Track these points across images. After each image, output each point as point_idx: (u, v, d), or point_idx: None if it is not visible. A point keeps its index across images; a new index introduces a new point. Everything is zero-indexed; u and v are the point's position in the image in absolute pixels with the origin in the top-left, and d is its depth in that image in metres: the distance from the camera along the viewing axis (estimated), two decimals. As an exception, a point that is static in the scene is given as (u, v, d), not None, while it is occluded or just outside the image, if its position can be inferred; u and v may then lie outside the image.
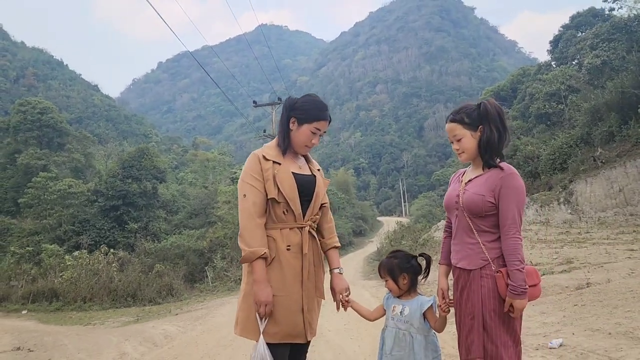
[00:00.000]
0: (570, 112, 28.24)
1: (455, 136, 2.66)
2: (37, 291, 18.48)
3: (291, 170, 2.74)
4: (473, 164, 2.73)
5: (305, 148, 2.85)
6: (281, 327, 2.62)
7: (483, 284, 2.51)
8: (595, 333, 4.80)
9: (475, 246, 2.58)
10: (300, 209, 2.70)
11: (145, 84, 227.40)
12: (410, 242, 23.35)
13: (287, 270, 2.66)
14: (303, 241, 2.69)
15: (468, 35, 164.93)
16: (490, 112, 2.60)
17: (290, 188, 2.68)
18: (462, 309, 2.62)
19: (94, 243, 25.08)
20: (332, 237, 2.94)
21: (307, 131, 2.80)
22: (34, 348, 8.77)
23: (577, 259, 9.57)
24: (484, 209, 2.53)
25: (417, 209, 58.34)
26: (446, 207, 2.81)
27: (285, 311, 2.63)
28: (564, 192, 19.91)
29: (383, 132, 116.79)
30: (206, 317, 11.53)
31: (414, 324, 2.72)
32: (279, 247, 2.66)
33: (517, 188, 2.51)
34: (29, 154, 31.33)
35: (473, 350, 2.51)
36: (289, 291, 2.65)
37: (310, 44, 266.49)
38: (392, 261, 2.86)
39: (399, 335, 2.74)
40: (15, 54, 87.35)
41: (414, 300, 2.80)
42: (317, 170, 2.94)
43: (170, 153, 64.03)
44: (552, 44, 41.53)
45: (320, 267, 2.82)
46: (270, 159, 2.74)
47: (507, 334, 2.49)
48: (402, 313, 2.76)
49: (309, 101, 2.87)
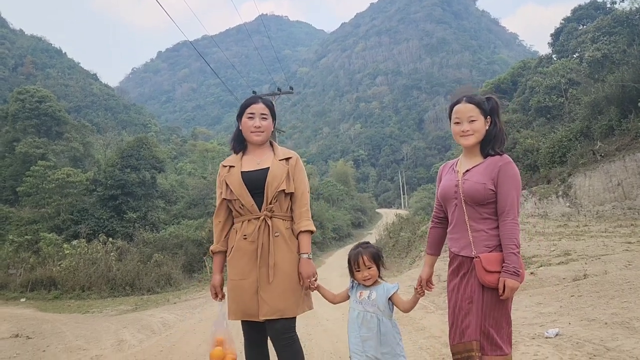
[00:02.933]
0: (570, 106, 28.18)
1: (471, 117, 2.69)
2: (35, 279, 18.54)
3: (243, 170, 3.11)
4: (468, 153, 2.77)
5: (253, 135, 3.13)
6: (238, 307, 3.03)
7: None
8: (592, 323, 4.82)
9: (478, 234, 2.63)
10: (253, 202, 3.04)
11: (145, 73, 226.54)
12: (409, 234, 23.39)
13: (243, 257, 3.03)
14: (257, 230, 3.01)
15: (469, 27, 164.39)
16: (498, 107, 2.77)
17: (237, 187, 3.06)
18: (459, 294, 2.67)
19: (92, 232, 25.04)
20: (300, 222, 3.10)
21: (245, 120, 3.15)
22: (32, 335, 8.80)
23: (575, 251, 9.59)
24: (486, 197, 2.61)
25: (416, 201, 58.46)
26: (443, 197, 2.83)
27: (242, 293, 3.01)
28: (563, 186, 19.92)
29: (383, 124, 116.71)
30: (204, 306, 11.58)
31: (380, 307, 2.88)
32: (238, 237, 3.06)
33: (515, 175, 2.62)
34: (27, 143, 31.25)
35: (468, 334, 2.58)
36: (245, 275, 3.01)
37: (310, 34, 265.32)
38: (373, 249, 2.98)
39: (367, 317, 2.89)
40: (13, 42, 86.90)
41: (379, 286, 2.95)
42: (280, 160, 3.14)
43: (169, 143, 63.90)
44: (553, 37, 41.42)
45: (279, 252, 3.01)
46: (227, 164, 3.20)
47: (502, 316, 2.59)
48: (370, 297, 2.92)
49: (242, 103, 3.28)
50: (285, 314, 2.95)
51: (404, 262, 18.32)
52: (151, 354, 6.27)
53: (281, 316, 2.94)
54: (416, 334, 5.80)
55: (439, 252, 3.03)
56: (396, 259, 20.39)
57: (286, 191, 3.07)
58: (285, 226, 3.09)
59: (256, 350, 3.12)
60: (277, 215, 3.07)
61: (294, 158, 3.18)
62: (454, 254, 2.75)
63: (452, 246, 2.77)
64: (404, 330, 6.08)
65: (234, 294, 3.06)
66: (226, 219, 3.19)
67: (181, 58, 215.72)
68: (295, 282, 3.01)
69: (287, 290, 2.98)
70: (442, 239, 3.00)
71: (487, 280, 2.54)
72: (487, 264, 2.53)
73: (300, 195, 3.13)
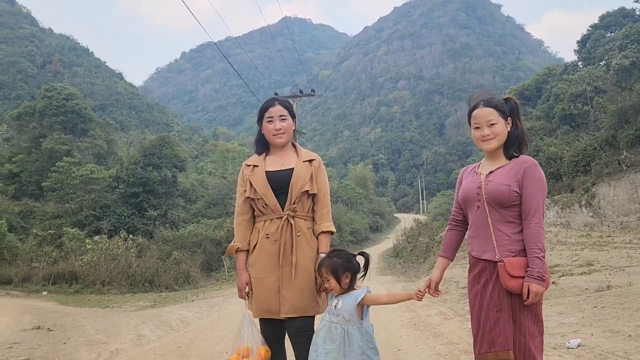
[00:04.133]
0: (595, 114, 27.73)
1: (490, 121, 2.65)
2: (57, 273, 18.88)
3: (267, 170, 3.15)
4: (491, 156, 2.73)
5: (275, 138, 3.19)
6: (260, 305, 3.08)
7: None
8: (615, 335, 4.73)
9: (501, 237, 2.58)
10: (276, 201, 3.08)
11: (169, 73, 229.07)
12: (427, 240, 23.24)
13: (265, 256, 3.08)
14: (280, 229, 3.05)
15: (494, 33, 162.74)
16: (517, 108, 2.71)
17: (261, 186, 3.10)
18: (485, 301, 2.59)
19: (113, 228, 25.42)
20: (322, 223, 3.16)
21: (265, 124, 3.20)
22: (53, 328, 8.97)
23: (598, 262, 9.40)
24: (510, 199, 2.56)
25: (435, 207, 57.99)
26: (464, 199, 2.77)
27: (263, 291, 3.06)
28: (586, 195, 19.59)
29: (403, 128, 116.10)
30: (222, 304, 11.66)
31: (345, 316, 2.82)
32: (260, 236, 3.11)
33: (540, 178, 2.57)
34: (53, 139, 31.81)
35: (500, 343, 2.50)
36: (267, 274, 3.06)
37: (333, 37, 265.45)
38: (335, 261, 2.92)
39: (331, 328, 2.83)
40: (42, 40, 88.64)
41: (347, 295, 2.89)
42: (304, 161, 3.20)
43: (190, 142, 64.51)
44: (579, 44, 40.83)
45: (300, 251, 3.06)
46: (250, 164, 3.24)
47: (534, 324, 2.53)
48: (336, 307, 2.87)
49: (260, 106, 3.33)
50: (306, 312, 3.00)
51: (422, 268, 18.21)
52: (169, 350, 6.34)
53: (301, 314, 2.99)
54: (434, 340, 5.75)
55: (453, 256, 2.96)
56: (414, 264, 20.28)
57: (309, 192, 3.12)
58: (307, 226, 3.14)
59: (274, 347, 3.14)
60: (300, 215, 3.11)
61: (317, 160, 3.24)
62: (476, 258, 2.68)
63: (472, 250, 2.71)
64: (422, 335, 6.05)
65: (255, 293, 3.11)
66: (249, 218, 3.22)
67: (205, 59, 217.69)
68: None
69: (308, 289, 3.03)
70: (458, 242, 2.94)
71: (510, 286, 2.48)
72: (510, 269, 2.48)
73: (323, 197, 3.19)
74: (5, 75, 67.65)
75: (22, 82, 68.89)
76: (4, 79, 66.98)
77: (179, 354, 6.03)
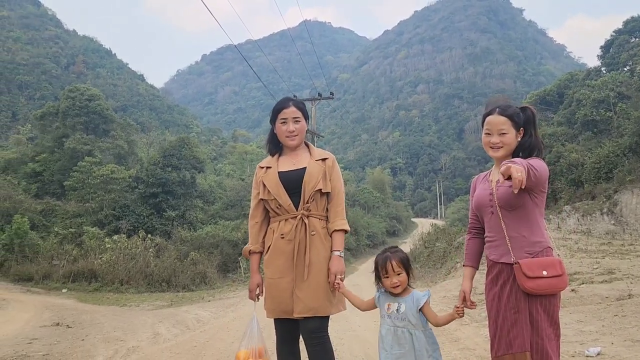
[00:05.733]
0: (619, 120, 27.24)
1: (501, 130, 2.66)
2: (77, 271, 19.11)
3: (280, 170, 3.16)
4: (500, 163, 2.70)
5: (288, 140, 3.18)
6: (276, 306, 3.08)
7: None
8: (636, 344, 4.64)
9: (517, 240, 2.59)
10: (290, 201, 3.08)
11: (189, 75, 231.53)
12: (445, 245, 23.04)
13: (281, 256, 3.08)
14: (295, 229, 3.05)
15: (515, 37, 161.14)
16: (533, 118, 2.72)
17: (274, 186, 3.11)
18: (502, 303, 2.60)
19: (132, 228, 25.71)
20: (335, 221, 3.14)
21: (278, 125, 3.19)
22: (72, 325, 9.09)
23: (619, 270, 9.24)
24: (521, 201, 2.57)
25: (453, 212, 57.64)
26: (478, 206, 2.80)
27: (278, 291, 3.06)
28: (608, 202, 19.23)
29: (422, 132, 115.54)
30: (238, 305, 11.71)
31: (411, 320, 2.75)
32: (275, 237, 3.11)
33: (543, 168, 2.55)
34: (75, 139, 32.29)
35: (517, 345, 2.51)
36: (283, 274, 3.06)
37: (352, 41, 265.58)
38: (403, 254, 2.87)
39: (398, 333, 2.77)
40: (67, 42, 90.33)
41: (408, 296, 2.82)
42: (317, 160, 3.19)
43: (209, 144, 65.04)
44: (603, 49, 40.20)
45: (314, 250, 3.05)
46: (264, 166, 3.26)
47: (550, 327, 2.54)
48: (399, 310, 2.79)
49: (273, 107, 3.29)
50: (319, 312, 2.98)
51: (439, 273, 18.06)
52: (185, 349, 6.38)
53: (315, 314, 2.97)
54: (450, 345, 5.70)
55: (478, 264, 2.96)
56: (431, 269, 20.12)
57: (322, 190, 3.11)
58: (321, 225, 3.13)
59: (288, 347, 3.15)
60: (314, 214, 3.11)
61: (330, 159, 3.23)
62: (493, 261, 2.70)
63: (490, 254, 2.73)
64: (438, 341, 5.99)
65: (270, 293, 3.11)
66: (263, 220, 3.24)
67: (225, 61, 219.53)
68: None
69: (322, 289, 3.01)
70: (480, 249, 2.94)
71: (527, 287, 2.48)
72: (527, 270, 2.48)
73: (336, 195, 3.18)
74: (30, 76, 69.04)
75: (47, 82, 70.30)
76: (29, 79, 68.37)
77: (194, 353, 6.07)
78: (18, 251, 20.56)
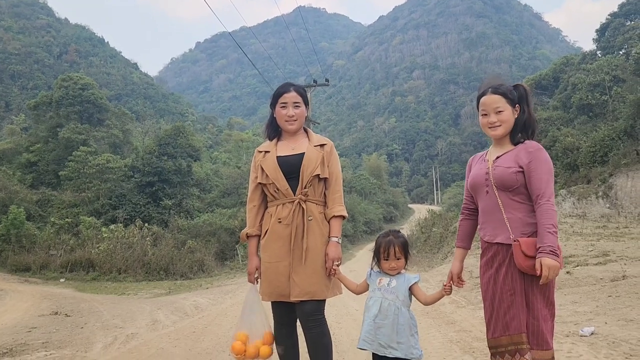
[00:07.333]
0: (614, 104, 27.27)
1: (497, 108, 2.67)
2: (74, 261, 19.16)
3: (278, 155, 3.17)
4: (498, 143, 2.76)
5: (287, 124, 3.20)
6: (273, 289, 3.10)
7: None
8: (629, 323, 4.70)
9: (513, 220, 2.59)
10: (287, 186, 3.11)
11: (183, 63, 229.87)
12: (441, 230, 23.16)
13: (277, 240, 3.10)
14: (292, 214, 3.06)
15: (510, 21, 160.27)
16: (527, 94, 2.73)
17: (272, 171, 3.13)
18: (498, 286, 2.61)
19: (129, 217, 25.66)
20: (333, 207, 3.17)
21: (278, 109, 3.21)
22: (70, 313, 9.13)
23: (614, 252, 9.32)
24: (518, 181, 2.58)
25: (449, 198, 57.76)
26: (474, 186, 2.80)
27: (276, 275, 3.08)
28: (603, 186, 19.34)
29: (418, 118, 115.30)
30: (236, 291, 11.77)
31: (399, 296, 2.83)
32: (272, 221, 3.13)
33: (547, 160, 2.59)
34: (70, 128, 32.07)
35: (514, 326, 2.53)
36: (280, 258, 3.08)
37: (347, 27, 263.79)
38: (404, 239, 2.93)
39: (384, 304, 2.83)
40: (59, 31, 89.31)
41: (400, 275, 2.90)
42: (315, 146, 3.20)
43: (205, 132, 64.81)
44: (598, 33, 40.14)
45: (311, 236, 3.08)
46: (262, 150, 3.26)
47: (546, 307, 2.55)
48: (389, 284, 2.87)
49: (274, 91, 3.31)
50: (316, 296, 3.02)
51: (436, 258, 18.18)
52: (184, 334, 6.43)
53: (311, 298, 3.01)
54: (446, 327, 5.77)
55: (470, 245, 2.98)
56: (427, 254, 20.25)
57: (320, 176, 3.13)
58: (319, 210, 3.15)
59: (286, 330, 3.19)
60: (311, 199, 3.13)
61: (329, 145, 3.25)
62: (488, 242, 2.69)
63: (485, 235, 2.72)
64: (434, 323, 6.06)
65: (267, 276, 3.14)
66: (260, 203, 3.26)
67: (219, 49, 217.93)
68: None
69: (318, 273, 3.05)
70: (473, 230, 2.96)
71: (525, 266, 2.48)
72: (526, 249, 2.48)
73: (334, 181, 3.20)
74: (23, 65, 68.39)
75: (39, 72, 69.64)
76: (21, 69, 67.74)
77: (193, 338, 6.12)
78: (15, 242, 20.54)
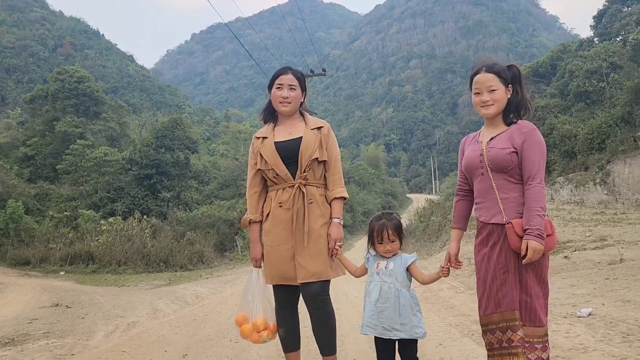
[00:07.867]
0: (611, 91, 27.28)
1: (490, 87, 2.67)
2: (74, 254, 19.20)
3: (276, 140, 3.18)
4: (490, 124, 2.77)
5: (280, 105, 3.20)
6: (276, 272, 3.13)
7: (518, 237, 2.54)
8: (627, 304, 4.74)
9: (508, 201, 2.62)
10: (287, 171, 3.12)
11: (179, 55, 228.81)
12: (440, 219, 23.20)
13: (279, 224, 3.12)
14: (292, 198, 3.09)
15: (507, 9, 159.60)
16: (520, 75, 2.74)
17: (271, 156, 3.13)
18: (491, 263, 2.64)
19: (128, 210, 25.68)
20: (334, 189, 3.20)
21: (274, 90, 3.21)
22: (71, 305, 9.16)
23: (611, 237, 9.36)
24: (513, 162, 2.59)
25: (447, 187, 57.80)
26: (468, 167, 2.81)
27: (278, 258, 3.11)
28: (601, 173, 19.38)
29: (416, 108, 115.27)
30: (235, 281, 11.83)
31: (398, 277, 2.85)
32: (273, 205, 3.15)
33: (540, 142, 2.61)
34: (66, 122, 31.94)
35: (506, 303, 2.56)
36: (282, 241, 3.10)
37: (344, 16, 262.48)
38: (397, 221, 2.95)
39: (384, 287, 2.86)
40: (53, 23, 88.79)
41: (396, 257, 2.92)
42: (312, 129, 3.21)
43: (202, 124, 64.61)
44: (595, 19, 39.99)
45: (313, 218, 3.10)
46: (260, 136, 3.26)
47: (539, 285, 2.58)
48: (387, 267, 2.90)
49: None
50: (322, 276, 3.06)
51: (434, 246, 18.23)
52: (184, 322, 6.48)
53: (318, 279, 3.04)
54: (445, 311, 5.81)
55: (466, 226, 3.01)
56: (426, 243, 20.30)
57: (319, 159, 3.14)
58: (319, 193, 3.17)
59: (288, 312, 3.22)
60: (311, 182, 3.15)
61: (326, 127, 3.26)
62: (483, 222, 2.72)
63: (480, 215, 2.75)
64: (433, 308, 6.10)
65: (270, 260, 3.17)
66: (261, 189, 3.28)
67: (215, 40, 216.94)
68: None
69: (322, 254, 3.08)
70: (468, 211, 2.98)
71: (519, 246, 2.51)
72: (519, 230, 2.51)
73: (333, 163, 3.22)
74: (18, 59, 68.05)
75: (34, 65, 69.31)
76: (17, 62, 67.40)
77: (194, 326, 6.16)
78: (14, 235, 20.57)
